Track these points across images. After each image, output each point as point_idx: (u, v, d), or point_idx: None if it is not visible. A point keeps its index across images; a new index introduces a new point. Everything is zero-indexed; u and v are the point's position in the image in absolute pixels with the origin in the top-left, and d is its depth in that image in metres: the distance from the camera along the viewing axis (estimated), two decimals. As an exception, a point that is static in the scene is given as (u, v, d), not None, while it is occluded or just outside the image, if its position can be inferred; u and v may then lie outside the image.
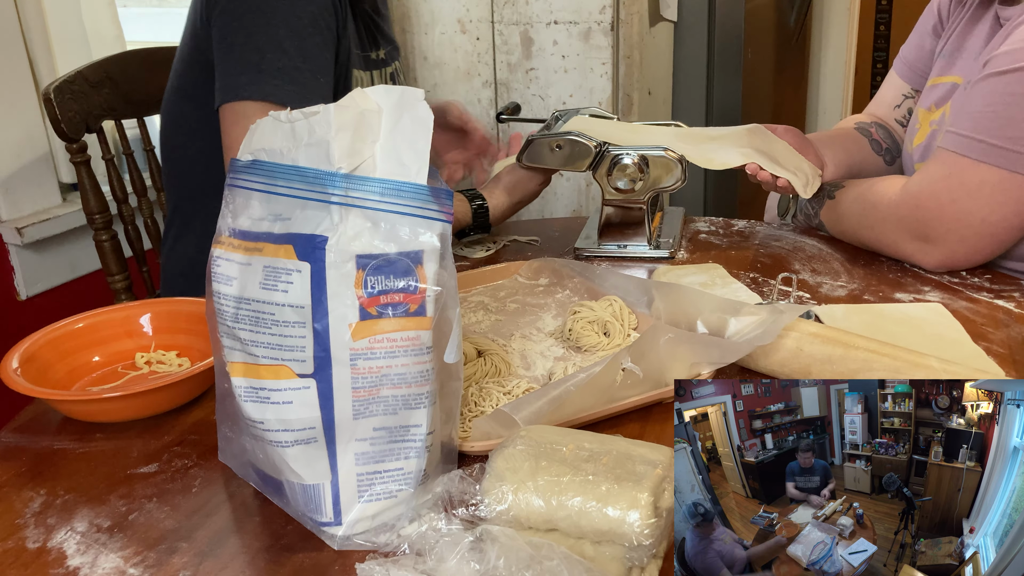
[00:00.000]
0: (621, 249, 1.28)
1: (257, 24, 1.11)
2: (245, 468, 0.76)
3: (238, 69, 1.11)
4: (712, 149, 1.24)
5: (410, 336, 0.66)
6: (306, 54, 1.12)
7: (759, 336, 0.87)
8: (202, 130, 1.23)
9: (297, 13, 1.12)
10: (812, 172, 1.26)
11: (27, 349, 0.91)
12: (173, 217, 1.39)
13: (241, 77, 1.10)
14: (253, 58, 1.10)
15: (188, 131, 1.29)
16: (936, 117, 1.23)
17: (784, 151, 1.28)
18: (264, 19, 1.11)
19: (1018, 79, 1.04)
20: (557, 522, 0.64)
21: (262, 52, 1.10)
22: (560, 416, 0.79)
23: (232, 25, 1.12)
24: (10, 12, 1.58)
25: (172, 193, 1.38)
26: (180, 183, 1.36)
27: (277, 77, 1.10)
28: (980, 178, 1.07)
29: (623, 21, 1.94)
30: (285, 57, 1.10)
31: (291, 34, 1.11)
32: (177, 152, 1.34)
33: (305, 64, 1.12)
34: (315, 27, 1.13)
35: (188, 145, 1.30)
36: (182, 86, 1.28)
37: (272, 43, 1.10)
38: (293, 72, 1.11)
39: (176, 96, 1.30)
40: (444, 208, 0.66)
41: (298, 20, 1.12)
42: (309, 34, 1.13)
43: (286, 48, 1.11)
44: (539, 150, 1.25)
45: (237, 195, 0.70)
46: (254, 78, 1.10)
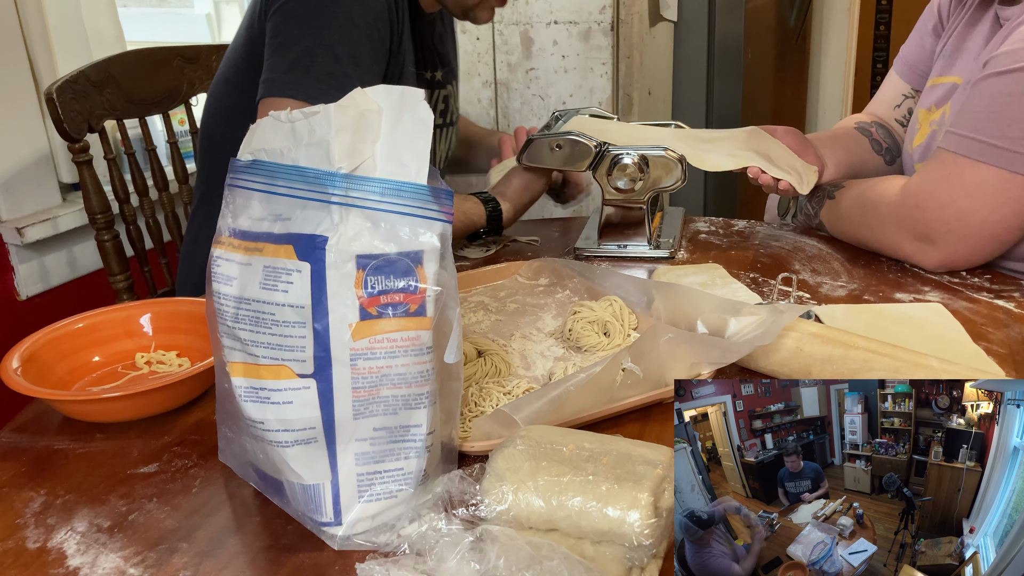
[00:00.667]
0: (621, 249, 1.28)
1: (312, 26, 1.10)
2: (245, 468, 0.76)
3: (286, 67, 1.10)
4: (706, 150, 1.24)
5: (410, 336, 0.66)
6: (357, 62, 1.12)
7: (759, 336, 0.87)
8: (246, 123, 1.23)
9: (354, 21, 1.11)
10: (806, 170, 1.27)
11: (27, 349, 0.91)
12: (200, 207, 1.39)
13: (288, 75, 1.10)
14: (304, 59, 1.10)
15: (231, 122, 1.29)
16: (936, 117, 1.24)
17: (779, 151, 1.28)
18: (320, 22, 1.10)
19: (1017, 79, 1.04)
20: (557, 522, 0.64)
21: (313, 54, 1.09)
22: (560, 416, 0.79)
23: (287, 24, 1.12)
24: (10, 12, 1.58)
25: (204, 183, 1.37)
26: (213, 170, 1.35)
27: (324, 81, 1.09)
28: (980, 178, 1.07)
29: (623, 21, 1.94)
30: (336, 63, 1.10)
31: (344, 40, 1.11)
32: (217, 142, 1.33)
33: (355, 72, 1.11)
34: (369, 37, 1.13)
35: (229, 136, 1.31)
36: (232, 77, 1.27)
37: (324, 47, 1.10)
38: (342, 79, 1.10)
39: (226, 87, 1.30)
40: (444, 208, 0.66)
41: (354, 28, 1.12)
42: (362, 42, 1.12)
43: (337, 54, 1.10)
44: (539, 150, 1.25)
45: (237, 195, 0.70)
46: (300, 78, 1.09)
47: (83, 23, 1.72)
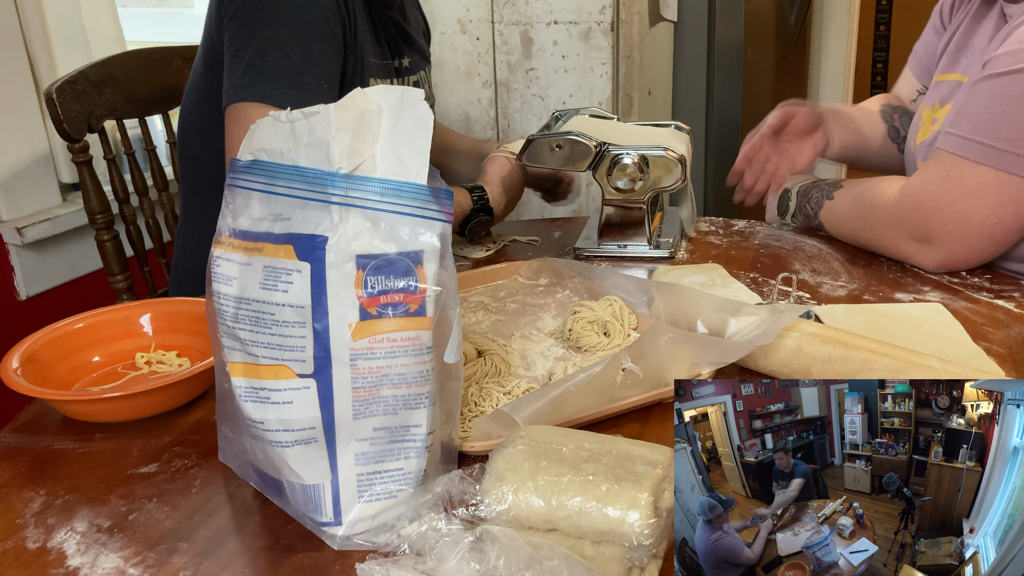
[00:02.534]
0: (621, 249, 1.28)
1: (262, 28, 1.12)
2: (245, 468, 0.76)
3: (240, 72, 1.12)
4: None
5: (410, 336, 0.66)
6: (310, 59, 1.13)
7: (759, 336, 0.87)
8: (217, 131, 1.24)
9: (302, 19, 1.13)
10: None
11: (27, 349, 0.91)
12: (185, 214, 1.40)
13: (243, 79, 1.11)
14: (256, 62, 1.11)
15: (203, 131, 1.30)
16: (940, 115, 1.23)
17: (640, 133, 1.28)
18: (269, 24, 1.12)
19: (1016, 81, 1.04)
20: (557, 522, 0.64)
21: (264, 56, 1.11)
22: (560, 416, 0.79)
23: (240, 30, 1.14)
24: (10, 12, 1.58)
25: (186, 191, 1.39)
26: (193, 181, 1.37)
27: (279, 81, 1.11)
28: (978, 180, 1.07)
29: (623, 21, 1.94)
30: (288, 62, 1.11)
31: (294, 39, 1.12)
32: (192, 151, 1.35)
33: (308, 69, 1.13)
34: (320, 33, 1.14)
35: (202, 145, 1.31)
36: (199, 87, 1.29)
37: (275, 47, 1.11)
38: (295, 77, 1.12)
39: (194, 96, 1.31)
40: (444, 208, 0.66)
41: (303, 25, 1.13)
42: (314, 39, 1.14)
43: (288, 52, 1.12)
44: (539, 150, 1.25)
45: (237, 195, 0.70)
46: (255, 80, 1.11)
47: (83, 23, 1.72)
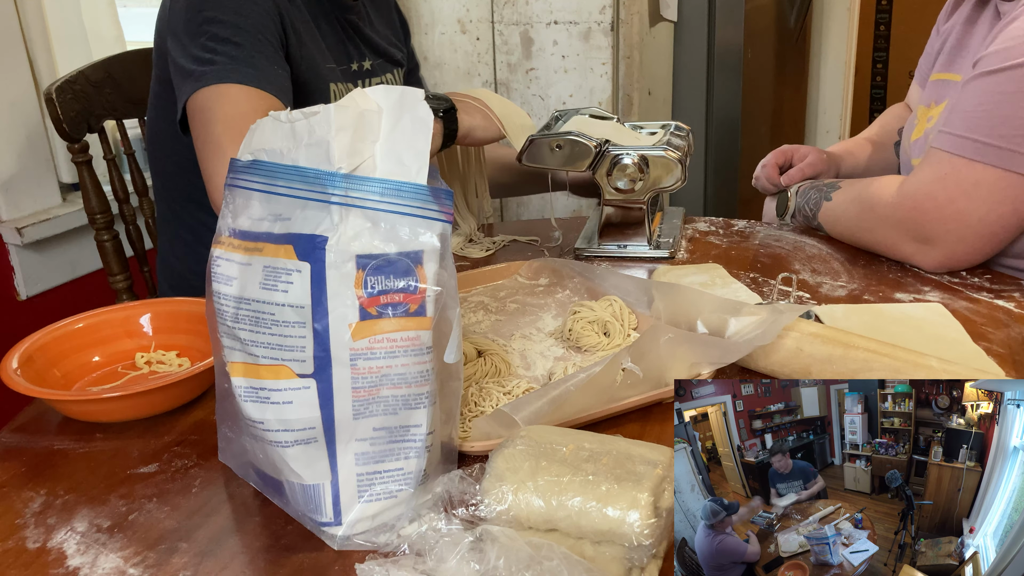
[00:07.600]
0: (621, 249, 1.28)
1: (206, 31, 1.13)
2: (245, 468, 0.76)
3: (191, 68, 1.13)
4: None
5: (410, 336, 0.66)
6: (258, 48, 1.14)
7: (759, 336, 0.87)
8: (174, 145, 1.25)
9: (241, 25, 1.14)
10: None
11: (27, 349, 0.91)
12: (160, 228, 1.43)
13: (197, 69, 1.12)
14: (205, 56, 1.12)
15: (162, 145, 1.33)
16: (934, 113, 1.24)
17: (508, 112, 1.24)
18: (213, 27, 1.13)
19: (1008, 78, 1.04)
20: (557, 522, 0.64)
21: (214, 51, 1.12)
22: (560, 416, 0.79)
23: (183, 40, 1.15)
24: (10, 12, 1.58)
25: (159, 205, 1.41)
26: (161, 196, 1.39)
27: (233, 63, 1.12)
28: (976, 178, 1.07)
29: (623, 21, 1.94)
30: (237, 49, 1.13)
31: (239, 32, 1.13)
32: (158, 166, 1.37)
33: (259, 52, 1.14)
34: (264, 31, 1.15)
35: (165, 160, 1.33)
36: (157, 104, 1.31)
37: (223, 42, 1.12)
38: (249, 59, 1.12)
39: (153, 113, 1.33)
40: (444, 208, 0.66)
41: (245, 20, 1.14)
42: (259, 32, 1.15)
43: (238, 42, 1.13)
44: (539, 150, 1.25)
45: (237, 195, 0.70)
46: (210, 70, 1.11)
47: (83, 23, 1.72)
